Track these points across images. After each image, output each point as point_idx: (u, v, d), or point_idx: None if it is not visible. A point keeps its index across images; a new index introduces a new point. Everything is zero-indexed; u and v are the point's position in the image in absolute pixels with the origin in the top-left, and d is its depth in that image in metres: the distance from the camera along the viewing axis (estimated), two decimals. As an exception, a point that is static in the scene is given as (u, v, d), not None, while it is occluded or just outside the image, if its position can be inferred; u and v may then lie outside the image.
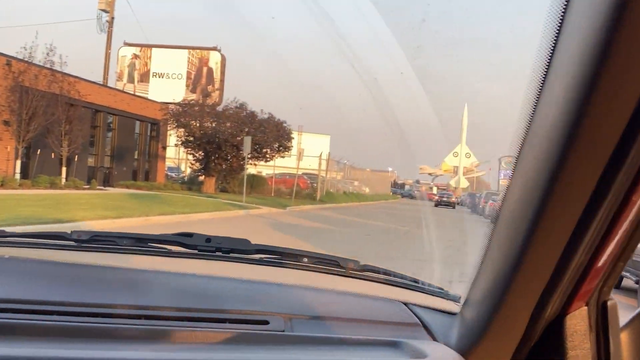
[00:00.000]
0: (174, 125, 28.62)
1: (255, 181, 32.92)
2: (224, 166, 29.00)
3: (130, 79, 35.22)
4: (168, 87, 34.40)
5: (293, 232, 14.61)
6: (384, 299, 1.47)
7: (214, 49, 35.10)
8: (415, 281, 1.62)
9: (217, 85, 34.59)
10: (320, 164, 35.39)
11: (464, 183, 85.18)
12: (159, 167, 31.63)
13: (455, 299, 1.48)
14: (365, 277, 1.57)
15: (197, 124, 28.28)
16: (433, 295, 1.54)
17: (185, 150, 30.10)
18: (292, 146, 30.84)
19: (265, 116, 29.43)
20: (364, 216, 24.88)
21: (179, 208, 16.96)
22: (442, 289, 1.58)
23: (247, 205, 21.60)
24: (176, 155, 38.12)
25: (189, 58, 35.11)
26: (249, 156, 28.10)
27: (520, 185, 0.92)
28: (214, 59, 34.91)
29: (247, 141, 21.35)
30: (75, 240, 1.48)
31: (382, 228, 19.97)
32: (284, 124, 29.98)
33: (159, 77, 35.14)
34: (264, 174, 36.67)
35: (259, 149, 29.05)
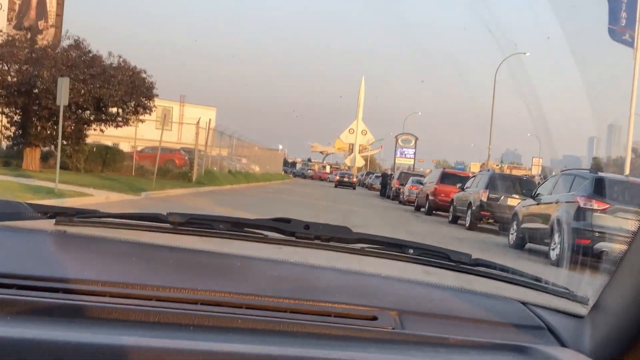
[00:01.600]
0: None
1: (109, 156, 24.29)
2: (49, 131, 19.86)
3: None
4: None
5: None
6: (501, 297, 1.37)
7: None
8: (538, 279, 1.45)
9: (51, 20, 25.03)
10: (197, 134, 27.06)
11: (360, 161, 79.26)
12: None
13: (583, 301, 1.31)
14: (478, 272, 1.42)
15: (7, 68, 18.93)
16: (556, 295, 1.39)
17: (-5, 107, 20.50)
18: (154, 106, 22.20)
19: (114, 60, 20.57)
20: (255, 207, 17.27)
21: None
22: (567, 289, 1.40)
23: (62, 192, 13.17)
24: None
25: (11, -19, 25.14)
26: (91, 116, 19.39)
27: None
28: (47, -15, 25.25)
29: (63, 85, 12.75)
30: (171, 223, 1.42)
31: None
32: (143, 75, 21.29)
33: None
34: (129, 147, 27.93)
35: (102, 108, 20.22)
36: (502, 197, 16.22)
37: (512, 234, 12.91)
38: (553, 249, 10.20)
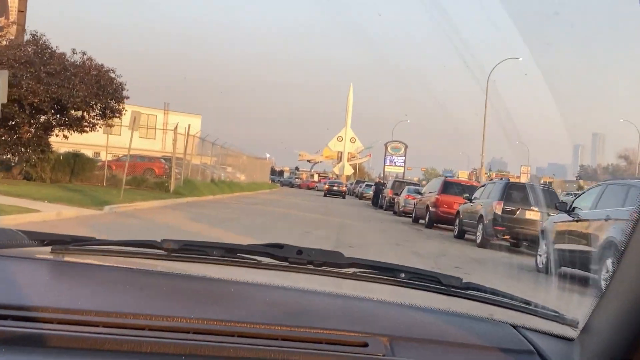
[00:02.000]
0: None
1: (79, 164, 22.16)
2: (5, 137, 17.51)
3: None
4: None
5: None
6: (491, 320, 1.36)
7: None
8: (527, 302, 1.47)
9: (12, 17, 22.73)
10: (175, 140, 24.87)
11: (349, 170, 77.06)
12: None
13: (573, 324, 1.33)
14: (468, 295, 1.43)
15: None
16: (546, 318, 1.40)
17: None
18: (124, 110, 19.91)
19: (77, 58, 18.25)
20: (232, 222, 15.14)
21: None
22: (557, 312, 1.42)
23: (0, 207, 10.95)
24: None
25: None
26: (52, 120, 17.11)
27: None
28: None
29: (0, 79, 10.52)
30: (165, 250, 1.43)
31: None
32: (112, 74, 19.01)
33: None
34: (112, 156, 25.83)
35: (63, 111, 17.92)
36: (519, 210, 14.16)
37: (540, 255, 10.82)
38: (604, 279, 8.10)
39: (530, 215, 13.95)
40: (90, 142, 19.93)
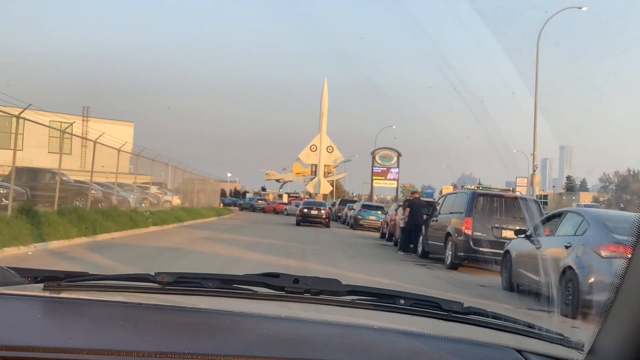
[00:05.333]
0: None
1: None
2: None
3: None
4: None
5: None
6: (495, 345, 1.31)
7: None
8: (530, 326, 1.48)
9: None
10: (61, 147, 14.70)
11: (327, 187, 62.15)
12: None
13: (578, 347, 1.34)
14: (470, 320, 1.44)
15: None
16: (551, 341, 1.40)
17: None
18: None
19: None
20: None
21: None
22: (561, 335, 1.43)
23: None
24: None
25: None
26: None
27: None
28: None
29: None
30: (159, 283, 1.45)
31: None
32: None
33: None
34: None
35: None
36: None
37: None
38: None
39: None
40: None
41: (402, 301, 1.44)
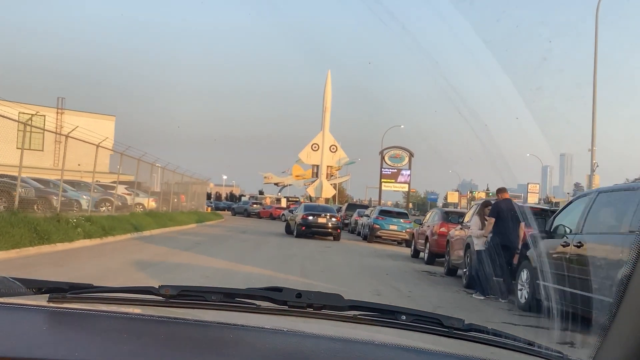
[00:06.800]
0: None
1: None
2: None
3: None
4: None
5: None
6: None
7: None
8: (530, 343, 1.49)
9: None
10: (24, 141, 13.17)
11: (330, 190, 55.93)
12: None
13: None
14: (471, 337, 1.44)
15: None
16: (551, 359, 1.41)
17: None
18: None
19: None
20: None
21: None
22: (561, 353, 1.44)
23: None
24: None
25: None
26: None
27: None
28: None
29: None
30: (163, 296, 1.46)
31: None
32: None
33: None
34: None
35: None
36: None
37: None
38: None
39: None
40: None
41: (404, 317, 1.45)
